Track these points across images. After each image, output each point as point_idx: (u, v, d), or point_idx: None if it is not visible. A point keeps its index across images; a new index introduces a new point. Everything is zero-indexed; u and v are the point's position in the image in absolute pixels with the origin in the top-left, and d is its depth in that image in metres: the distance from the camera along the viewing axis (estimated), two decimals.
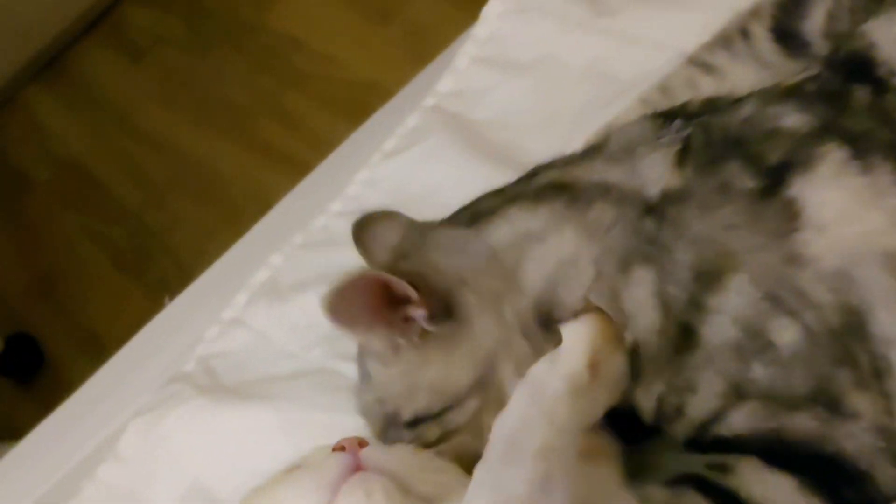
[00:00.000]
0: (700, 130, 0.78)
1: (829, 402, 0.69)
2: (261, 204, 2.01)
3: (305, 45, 2.84)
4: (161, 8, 3.21)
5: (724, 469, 0.70)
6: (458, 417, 0.78)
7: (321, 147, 1.87)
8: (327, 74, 2.74)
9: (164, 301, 1.33)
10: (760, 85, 0.97)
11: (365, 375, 0.86)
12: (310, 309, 1.14)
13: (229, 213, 2.66)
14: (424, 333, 0.80)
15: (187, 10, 3.15)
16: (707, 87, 1.06)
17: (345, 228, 1.17)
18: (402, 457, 0.76)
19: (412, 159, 1.22)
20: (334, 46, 2.78)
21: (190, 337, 1.24)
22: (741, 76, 1.05)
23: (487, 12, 1.27)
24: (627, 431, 0.76)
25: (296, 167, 2.44)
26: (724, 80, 1.06)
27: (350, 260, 1.14)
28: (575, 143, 1.11)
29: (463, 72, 1.26)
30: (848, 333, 0.68)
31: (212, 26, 3.04)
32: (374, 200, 1.20)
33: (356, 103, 2.58)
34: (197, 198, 2.77)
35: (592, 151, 0.85)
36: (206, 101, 2.90)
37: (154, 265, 2.76)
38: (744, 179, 0.72)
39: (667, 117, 0.84)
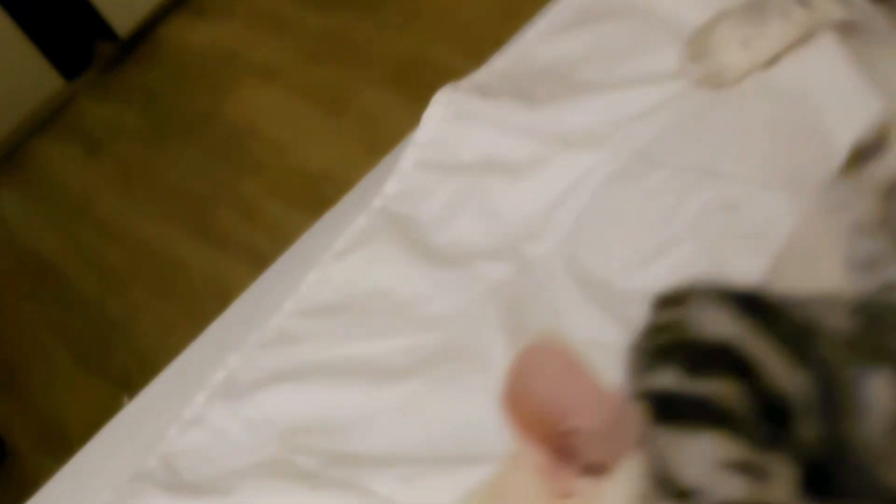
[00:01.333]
0: None
1: None
2: (219, 292, 2.07)
3: (261, 135, 2.90)
4: (117, 100, 3.27)
5: None
6: None
7: (278, 236, 1.94)
8: (283, 164, 2.80)
9: (122, 400, 1.38)
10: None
11: None
12: (266, 406, 1.20)
13: (189, 302, 2.70)
14: None
15: (144, 102, 3.22)
16: (798, 17, 1.15)
17: (298, 327, 1.24)
18: None
19: (361, 259, 1.28)
20: (289, 136, 2.85)
21: (150, 436, 1.28)
22: (829, 12, 1.14)
23: (428, 117, 1.35)
24: None
25: (253, 256, 2.51)
26: (814, 13, 1.14)
27: (301, 358, 1.21)
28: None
29: (407, 174, 1.33)
30: None
31: (168, 117, 3.10)
32: (325, 299, 1.27)
33: (311, 192, 2.65)
34: (157, 287, 2.81)
35: None
36: (164, 191, 2.95)
37: (115, 355, 2.78)
38: None
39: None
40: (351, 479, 1.10)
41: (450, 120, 1.34)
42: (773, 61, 1.21)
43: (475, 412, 1.10)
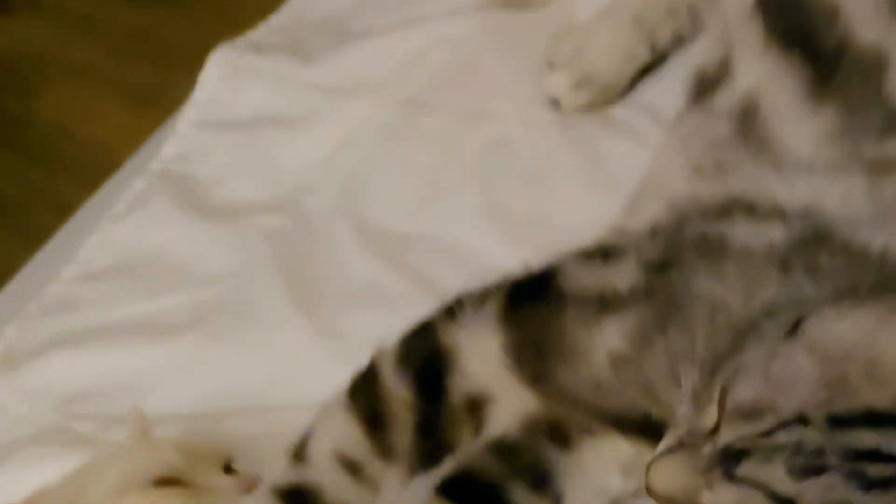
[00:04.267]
0: None
1: None
2: None
3: (75, 134, 2.83)
4: None
5: None
6: None
7: None
8: (99, 161, 2.73)
9: None
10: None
11: None
12: (44, 375, 1.17)
13: None
14: None
15: None
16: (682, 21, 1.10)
17: (77, 292, 1.21)
18: None
19: (139, 222, 1.26)
20: (104, 133, 2.79)
21: None
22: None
23: (205, 77, 1.33)
24: None
25: None
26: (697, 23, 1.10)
27: (80, 323, 1.18)
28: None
29: (185, 135, 1.32)
30: None
31: None
32: (104, 263, 1.24)
33: None
34: None
35: None
36: None
37: None
38: None
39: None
40: None
41: (226, 79, 1.33)
42: None
43: (254, 365, 1.09)
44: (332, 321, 1.09)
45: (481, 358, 0.73)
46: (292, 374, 1.06)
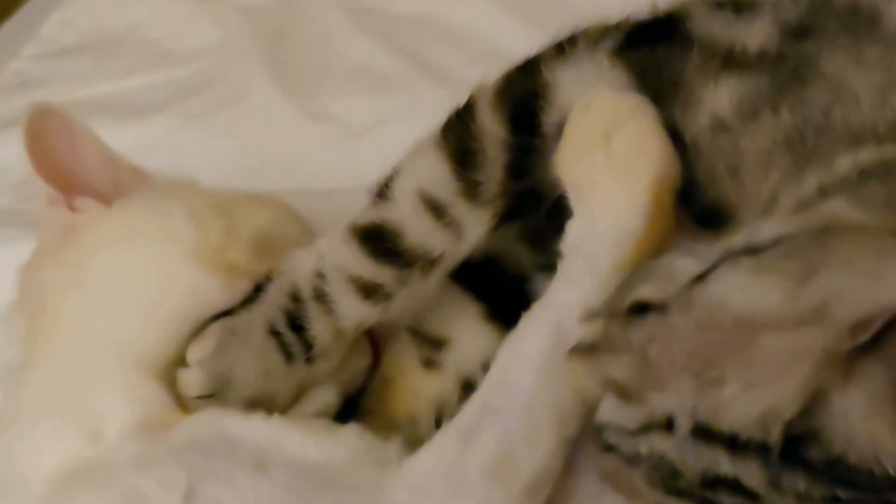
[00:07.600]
0: None
1: None
2: None
3: None
4: None
5: None
6: None
7: None
8: None
9: None
10: None
11: None
12: (3, 155, 1.07)
13: None
14: None
15: None
16: None
17: (40, 71, 1.11)
18: None
19: None
20: None
21: None
22: None
23: None
24: None
25: None
26: None
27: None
28: None
29: None
30: None
31: None
32: (70, 40, 1.14)
33: None
34: None
35: None
36: None
37: None
38: None
39: None
40: None
41: None
42: None
43: (232, 148, 1.00)
44: (318, 103, 1.00)
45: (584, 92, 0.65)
46: (274, 158, 0.97)
